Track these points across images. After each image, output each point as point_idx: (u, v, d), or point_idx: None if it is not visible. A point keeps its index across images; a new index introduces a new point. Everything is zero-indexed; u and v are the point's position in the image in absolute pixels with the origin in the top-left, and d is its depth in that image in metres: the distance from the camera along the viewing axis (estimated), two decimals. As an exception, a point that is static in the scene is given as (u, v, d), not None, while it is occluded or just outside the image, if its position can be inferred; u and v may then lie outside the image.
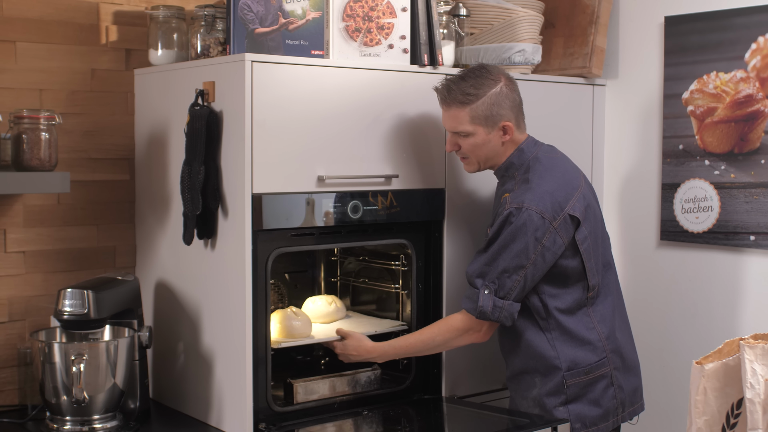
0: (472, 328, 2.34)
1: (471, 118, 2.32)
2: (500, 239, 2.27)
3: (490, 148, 2.37)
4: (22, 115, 2.21)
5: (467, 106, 2.32)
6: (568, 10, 2.94)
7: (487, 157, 2.39)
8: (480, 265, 2.30)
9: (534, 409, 2.37)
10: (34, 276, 2.52)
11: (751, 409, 1.40)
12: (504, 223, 2.27)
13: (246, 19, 2.24)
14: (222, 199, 2.29)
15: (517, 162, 2.38)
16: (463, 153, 2.39)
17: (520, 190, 2.31)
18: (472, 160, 2.40)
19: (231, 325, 2.28)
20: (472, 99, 2.31)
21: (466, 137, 2.35)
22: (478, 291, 2.29)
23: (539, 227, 2.26)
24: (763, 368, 1.41)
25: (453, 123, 2.35)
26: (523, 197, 2.28)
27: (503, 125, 2.35)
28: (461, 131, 2.35)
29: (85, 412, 2.23)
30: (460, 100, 2.32)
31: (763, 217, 2.61)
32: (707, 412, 1.49)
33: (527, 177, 2.33)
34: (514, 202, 2.28)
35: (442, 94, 2.36)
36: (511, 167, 2.39)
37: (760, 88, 2.61)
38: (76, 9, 2.55)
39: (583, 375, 2.35)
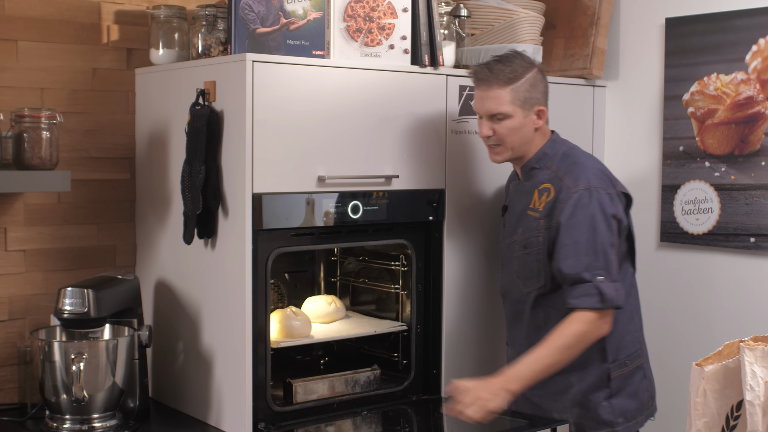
0: (598, 323, 2.21)
1: (512, 98, 2.28)
2: (584, 225, 2.21)
3: (524, 134, 2.31)
4: (23, 114, 2.21)
5: (509, 86, 2.28)
6: (569, 11, 2.94)
7: (521, 143, 2.32)
8: (579, 257, 2.20)
9: (573, 409, 2.31)
10: (35, 274, 2.52)
11: (751, 411, 1.40)
12: (577, 207, 2.21)
13: (247, 19, 2.24)
14: (222, 199, 2.29)
15: (551, 152, 2.34)
16: (498, 138, 2.32)
17: (574, 172, 2.27)
18: (505, 147, 2.33)
19: (231, 325, 2.28)
20: (514, 79, 2.29)
21: (503, 120, 2.29)
22: (591, 283, 2.19)
23: (610, 204, 2.23)
24: (763, 370, 1.41)
25: (493, 104, 2.29)
26: (584, 177, 2.24)
27: (538, 110, 2.32)
28: (500, 113, 2.29)
29: (84, 411, 2.23)
30: (503, 80, 2.28)
31: (764, 219, 2.61)
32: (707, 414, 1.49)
33: (574, 161, 2.31)
34: (578, 184, 2.23)
35: (482, 74, 2.31)
36: (544, 157, 2.34)
37: (760, 90, 2.61)
38: (77, 8, 2.55)
39: (624, 366, 2.32)
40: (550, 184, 2.30)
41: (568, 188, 2.25)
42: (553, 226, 2.25)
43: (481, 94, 2.32)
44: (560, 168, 2.31)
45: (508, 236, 2.42)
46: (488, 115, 2.31)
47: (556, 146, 2.36)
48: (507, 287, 2.44)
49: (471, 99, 2.59)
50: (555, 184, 2.29)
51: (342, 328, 2.60)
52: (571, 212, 2.22)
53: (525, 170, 2.38)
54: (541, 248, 2.29)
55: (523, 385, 2.20)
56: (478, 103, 2.34)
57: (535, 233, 2.30)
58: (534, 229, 2.31)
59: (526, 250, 2.32)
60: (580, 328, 2.20)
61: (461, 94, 2.58)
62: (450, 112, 2.56)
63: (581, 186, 2.24)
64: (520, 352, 2.33)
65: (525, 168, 2.38)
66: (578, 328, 2.20)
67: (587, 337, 2.22)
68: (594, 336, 2.23)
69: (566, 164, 2.31)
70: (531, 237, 2.31)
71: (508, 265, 2.42)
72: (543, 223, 2.28)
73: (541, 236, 2.29)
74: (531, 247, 2.31)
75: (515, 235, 2.37)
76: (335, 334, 2.55)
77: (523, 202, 2.36)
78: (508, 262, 2.42)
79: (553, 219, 2.26)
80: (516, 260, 2.37)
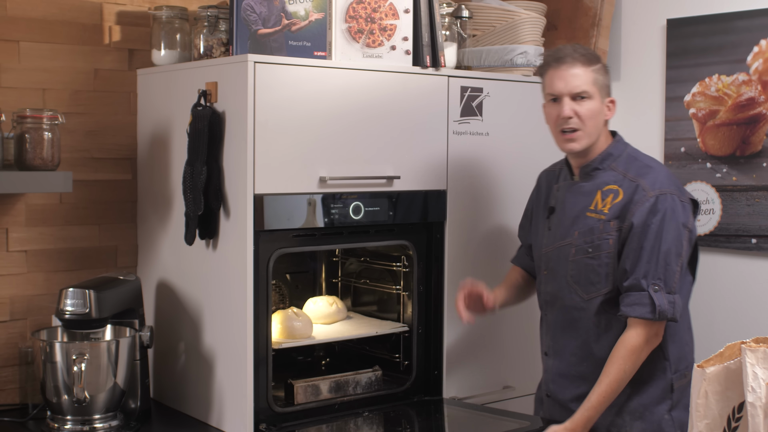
0: (650, 336, 2.14)
1: (593, 79, 2.19)
2: (652, 231, 2.12)
3: (599, 122, 2.21)
4: (25, 114, 2.21)
5: (591, 67, 2.20)
6: (571, 12, 2.94)
7: (596, 131, 2.21)
8: (640, 263, 2.12)
9: (633, 423, 2.20)
10: (36, 275, 2.52)
11: (753, 413, 1.40)
12: (650, 212, 2.13)
13: (249, 20, 2.25)
14: (224, 200, 2.29)
15: (615, 153, 2.25)
16: (579, 122, 2.19)
17: (649, 176, 2.18)
18: (585, 132, 2.20)
19: (232, 326, 2.28)
20: (594, 61, 2.22)
21: (585, 101, 2.19)
22: (646, 292, 2.11)
23: (682, 212, 2.15)
24: (764, 372, 1.41)
25: (579, 81, 2.18)
26: (659, 182, 2.16)
27: (610, 100, 2.25)
28: (585, 91, 2.18)
29: (85, 412, 2.23)
30: (587, 58, 2.20)
31: (765, 220, 2.61)
32: (708, 415, 1.49)
33: (645, 164, 2.22)
34: (653, 188, 2.15)
35: (563, 52, 2.21)
36: (608, 158, 2.24)
37: (762, 91, 2.61)
38: (79, 9, 2.55)
39: (684, 377, 2.23)
40: (617, 186, 2.20)
41: (644, 191, 2.15)
42: (625, 228, 2.16)
43: (564, 72, 2.19)
44: (629, 170, 2.21)
45: (557, 239, 2.28)
46: (572, 94, 2.19)
47: (620, 147, 2.26)
48: (555, 294, 2.29)
49: (472, 100, 2.60)
50: (625, 186, 2.19)
51: (343, 329, 2.60)
52: (645, 216, 2.13)
53: (586, 170, 2.26)
54: (612, 251, 2.18)
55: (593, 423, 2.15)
56: (560, 81, 2.20)
57: (604, 236, 2.18)
58: (600, 231, 2.19)
59: (590, 253, 2.20)
60: (633, 344, 2.13)
61: (463, 95, 2.58)
62: (451, 113, 2.56)
63: (656, 191, 2.15)
64: (571, 363, 2.25)
65: (586, 167, 2.26)
66: (631, 344, 2.13)
67: (641, 354, 2.15)
68: (646, 351, 2.15)
69: (636, 167, 2.22)
70: (597, 240, 2.19)
71: (557, 270, 2.28)
72: (613, 225, 2.17)
73: (611, 239, 2.17)
74: (598, 250, 2.19)
75: (569, 238, 2.24)
76: (336, 335, 2.55)
77: (581, 203, 2.24)
78: (557, 266, 2.28)
79: (626, 221, 2.16)
80: (572, 264, 2.24)
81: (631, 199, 2.17)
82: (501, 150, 2.67)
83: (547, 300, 2.33)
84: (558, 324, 2.30)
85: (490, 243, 2.65)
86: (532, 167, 2.64)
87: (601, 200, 2.20)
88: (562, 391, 2.29)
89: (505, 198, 2.68)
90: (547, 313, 2.34)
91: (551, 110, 2.25)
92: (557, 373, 2.30)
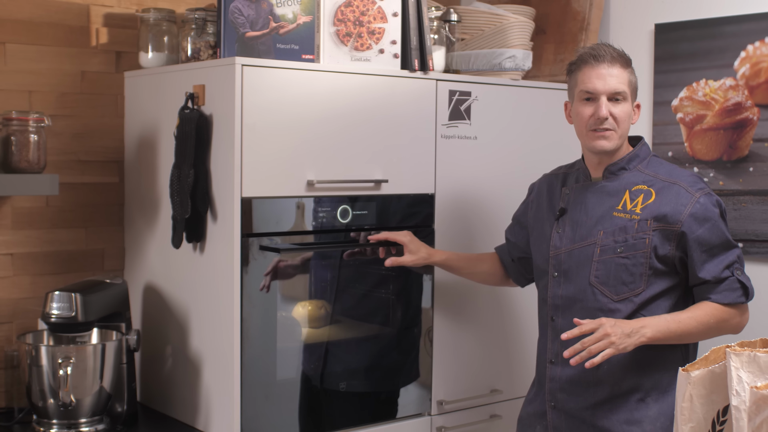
0: (738, 317, 2.14)
1: (629, 81, 2.17)
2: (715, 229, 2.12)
3: (628, 124, 2.19)
4: (11, 116, 2.20)
5: (628, 68, 2.18)
6: (559, 16, 2.95)
7: (626, 133, 2.20)
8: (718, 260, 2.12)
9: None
10: (22, 278, 2.51)
11: (737, 416, 1.40)
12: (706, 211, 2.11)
13: (237, 22, 2.24)
14: (211, 203, 2.29)
15: (642, 155, 2.22)
16: (615, 122, 2.15)
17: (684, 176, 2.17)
18: (618, 132, 2.16)
19: (219, 329, 2.28)
20: (629, 63, 2.19)
21: (619, 102, 2.15)
22: (733, 277, 2.12)
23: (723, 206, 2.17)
24: (748, 376, 1.42)
25: (617, 82, 2.14)
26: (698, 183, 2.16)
27: (637, 104, 2.23)
28: (622, 92, 2.15)
29: (72, 416, 2.22)
30: (625, 59, 2.17)
31: (751, 224, 2.62)
32: (693, 419, 1.49)
33: (673, 167, 2.21)
34: (695, 187, 2.14)
35: (602, 50, 2.16)
36: (635, 159, 2.21)
37: (749, 96, 2.62)
38: (66, 11, 2.55)
39: None
40: (647, 187, 2.16)
41: (689, 192, 2.13)
42: (674, 230, 2.11)
43: (603, 71, 2.14)
44: (659, 171, 2.19)
45: (575, 241, 2.21)
46: (609, 94, 2.14)
47: (645, 150, 2.25)
48: (572, 297, 2.19)
49: (460, 104, 2.60)
50: (657, 186, 2.16)
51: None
52: (703, 216, 2.12)
53: (612, 169, 2.21)
54: (647, 251, 2.12)
55: (657, 336, 2.05)
56: (598, 80, 2.14)
57: (640, 235, 2.12)
58: (635, 230, 2.13)
59: (620, 253, 2.13)
60: (722, 315, 2.11)
61: (451, 98, 2.58)
62: (440, 117, 2.56)
63: (701, 190, 2.14)
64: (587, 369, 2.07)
65: (613, 167, 2.21)
66: (720, 314, 2.11)
67: (725, 327, 2.13)
68: (731, 328, 2.14)
69: (667, 169, 2.20)
70: (631, 239, 2.13)
71: (575, 272, 2.19)
72: (650, 225, 2.12)
73: (647, 238, 2.11)
74: (633, 249, 2.12)
75: (591, 238, 2.17)
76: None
77: (607, 203, 2.18)
78: (575, 268, 2.19)
79: (674, 222, 2.11)
80: (599, 264, 2.16)
81: (676, 200, 2.13)
82: (489, 154, 2.67)
83: (558, 304, 2.22)
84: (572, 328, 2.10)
85: (478, 247, 2.65)
86: (521, 171, 2.64)
87: (629, 200, 2.16)
88: (575, 400, 2.18)
89: (493, 202, 2.68)
90: (556, 318, 2.24)
91: (583, 109, 2.18)
92: (568, 381, 2.19)
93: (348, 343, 2.60)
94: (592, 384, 2.15)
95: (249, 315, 2.24)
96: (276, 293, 2.33)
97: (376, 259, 2.56)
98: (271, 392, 2.32)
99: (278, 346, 2.33)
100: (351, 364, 2.53)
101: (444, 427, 2.61)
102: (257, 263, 2.25)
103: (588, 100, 2.17)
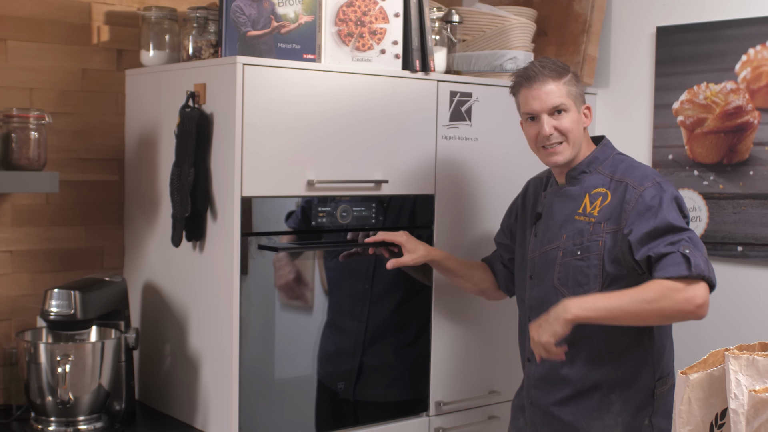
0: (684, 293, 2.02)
1: (567, 91, 2.20)
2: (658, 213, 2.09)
3: (579, 131, 2.22)
4: (11, 114, 2.20)
5: (562, 78, 2.20)
6: (561, 18, 2.95)
7: (579, 140, 2.22)
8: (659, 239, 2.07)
9: (615, 429, 2.19)
10: (21, 276, 2.51)
11: (735, 419, 1.40)
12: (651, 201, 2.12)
13: (238, 21, 2.24)
14: (211, 202, 2.29)
15: (602, 156, 2.26)
16: (560, 135, 2.20)
17: (636, 173, 2.19)
18: (569, 143, 2.21)
19: (218, 328, 2.28)
20: (563, 74, 2.22)
21: (561, 114, 2.19)
22: (675, 253, 2.04)
23: (677, 195, 2.16)
24: (747, 379, 1.42)
25: (554, 97, 2.18)
26: (649, 177, 2.17)
27: (586, 107, 2.26)
28: (560, 104, 2.19)
29: (70, 413, 2.22)
30: (556, 73, 2.20)
31: (751, 228, 2.62)
32: (691, 422, 1.50)
33: (630, 164, 2.24)
34: (644, 183, 2.15)
35: (532, 71, 2.21)
36: (594, 161, 2.24)
37: (749, 99, 2.62)
38: (67, 8, 2.55)
39: (665, 384, 2.23)
40: (605, 189, 2.20)
41: (633, 188, 2.16)
42: (621, 230, 2.14)
43: (537, 91, 2.20)
44: (615, 171, 2.22)
45: (544, 244, 2.27)
46: (549, 111, 2.19)
47: (606, 151, 2.28)
48: (541, 299, 2.27)
49: (461, 105, 2.60)
50: (612, 187, 2.20)
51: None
52: (642, 207, 2.13)
53: (572, 174, 2.26)
54: (601, 253, 2.16)
55: (584, 313, 2.05)
56: (535, 101, 2.20)
57: (594, 237, 2.17)
58: (590, 233, 2.18)
59: (579, 255, 2.19)
60: (663, 290, 2.03)
61: (452, 99, 2.58)
62: (440, 118, 2.56)
63: (648, 183, 2.16)
64: (555, 365, 2.22)
65: (573, 171, 2.26)
66: (661, 288, 2.03)
67: (670, 304, 2.03)
68: (680, 305, 2.04)
69: (623, 168, 2.23)
70: (587, 242, 2.18)
71: (543, 275, 2.27)
72: (604, 227, 2.16)
73: (600, 240, 2.16)
74: (588, 252, 2.18)
75: (557, 242, 2.23)
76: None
77: (569, 208, 2.24)
78: (543, 271, 2.27)
79: (621, 222, 2.15)
80: (560, 267, 2.23)
81: (623, 198, 2.17)
82: (489, 155, 2.67)
83: (532, 306, 2.31)
84: None
85: (478, 248, 2.65)
86: (521, 173, 2.64)
87: (589, 203, 2.21)
88: (545, 396, 2.28)
89: (493, 203, 2.68)
90: (532, 319, 2.31)
91: (530, 129, 2.25)
92: (540, 378, 2.29)
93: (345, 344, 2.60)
94: (558, 381, 2.25)
95: (248, 314, 2.24)
96: (274, 293, 2.33)
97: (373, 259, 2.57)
98: (269, 391, 2.32)
99: (276, 345, 2.33)
100: (349, 365, 2.53)
101: (442, 428, 2.61)
102: (256, 262, 2.26)
103: (532, 119, 2.24)
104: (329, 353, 2.46)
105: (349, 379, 2.49)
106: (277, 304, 2.34)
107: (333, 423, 2.45)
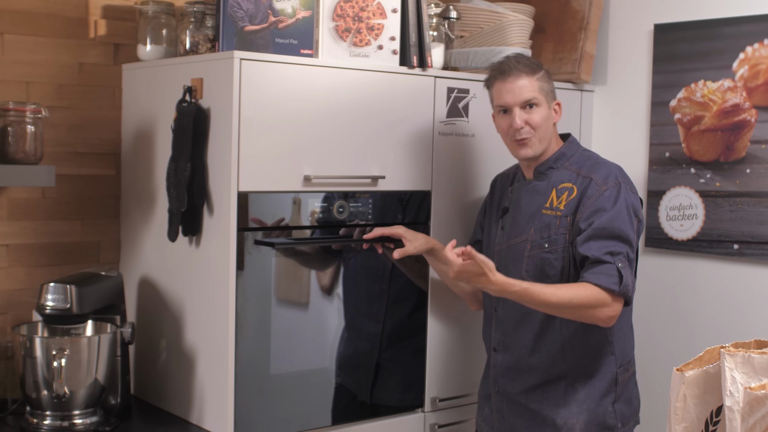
0: (604, 307, 2.14)
1: (539, 87, 2.29)
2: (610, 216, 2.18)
3: (549, 126, 2.31)
4: (8, 107, 2.19)
5: (535, 74, 2.29)
6: (558, 15, 2.95)
7: (548, 135, 2.31)
8: (603, 242, 2.17)
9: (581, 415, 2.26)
10: (17, 269, 2.50)
11: (730, 417, 1.41)
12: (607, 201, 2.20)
13: (235, 16, 2.24)
14: (208, 197, 2.29)
15: (569, 153, 2.34)
16: (531, 129, 2.28)
17: (601, 170, 2.27)
18: (538, 137, 2.29)
19: (214, 323, 2.27)
20: (536, 70, 2.31)
21: (534, 109, 2.28)
22: (612, 264, 2.15)
23: (634, 202, 2.25)
24: (742, 376, 1.42)
25: (526, 92, 2.27)
26: (612, 176, 2.25)
27: (556, 103, 2.35)
28: (534, 97, 2.28)
29: (65, 407, 2.21)
30: (529, 68, 2.29)
31: (747, 226, 2.63)
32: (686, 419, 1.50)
33: (597, 161, 2.32)
34: (607, 182, 2.23)
35: (507, 65, 2.30)
36: (562, 158, 2.33)
37: (747, 97, 2.63)
38: (64, 2, 2.54)
39: (627, 371, 2.33)
40: (572, 184, 2.28)
41: (597, 185, 2.24)
42: (578, 222, 2.23)
43: (510, 85, 2.29)
44: (582, 167, 2.30)
45: (511, 237, 2.35)
46: (521, 104, 2.28)
47: (573, 148, 2.36)
48: None
49: (459, 101, 2.60)
50: (579, 183, 2.27)
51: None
52: (600, 205, 2.21)
53: (540, 169, 2.34)
54: (567, 246, 2.25)
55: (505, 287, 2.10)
56: (508, 94, 2.29)
57: (560, 231, 2.25)
58: (557, 227, 2.26)
59: (546, 248, 2.26)
60: (588, 298, 2.12)
61: (449, 95, 2.58)
62: (438, 114, 2.56)
63: (611, 183, 2.24)
64: (522, 356, 2.31)
65: (541, 167, 2.34)
66: (587, 295, 2.12)
67: (589, 312, 2.15)
68: (595, 316, 2.15)
69: (589, 164, 2.31)
70: (554, 235, 2.26)
71: (511, 267, 2.33)
72: (569, 221, 2.24)
73: (567, 233, 2.25)
74: (555, 245, 2.26)
75: (524, 235, 2.31)
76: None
77: (536, 202, 2.32)
78: (511, 263, 2.33)
79: (578, 214, 2.23)
80: (528, 260, 2.30)
81: (584, 193, 2.25)
82: (486, 151, 2.67)
83: (500, 297, 2.32)
84: (511, 319, 2.35)
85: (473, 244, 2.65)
86: (517, 169, 2.63)
87: (556, 198, 2.29)
88: (512, 385, 2.34)
89: (492, 199, 2.68)
90: (498, 310, 2.39)
91: (502, 121, 2.33)
92: (507, 367, 2.35)
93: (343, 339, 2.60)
94: (525, 371, 2.32)
95: (243, 309, 2.24)
96: (270, 288, 2.33)
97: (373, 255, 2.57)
98: (264, 386, 2.32)
99: (272, 340, 2.33)
100: (345, 360, 2.53)
101: (437, 424, 2.62)
102: (252, 258, 2.25)
103: (504, 112, 2.33)
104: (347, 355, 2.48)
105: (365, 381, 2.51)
106: (273, 300, 2.34)
107: (328, 418, 2.45)
